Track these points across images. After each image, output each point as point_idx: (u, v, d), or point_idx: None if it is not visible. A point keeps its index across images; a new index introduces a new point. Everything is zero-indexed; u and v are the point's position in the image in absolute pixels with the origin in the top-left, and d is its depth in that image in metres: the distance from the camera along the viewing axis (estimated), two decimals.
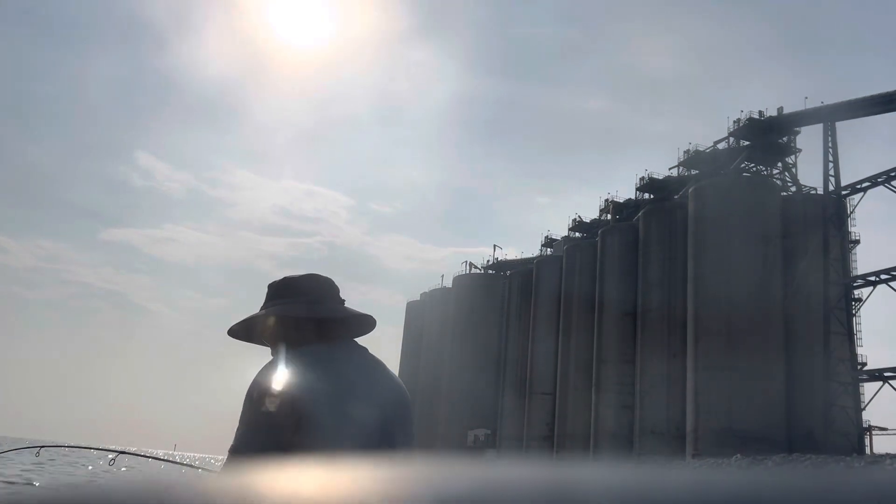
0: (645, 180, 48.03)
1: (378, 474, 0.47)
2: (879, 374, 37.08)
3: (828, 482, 0.29)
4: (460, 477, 0.46)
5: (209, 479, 0.56)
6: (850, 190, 40.18)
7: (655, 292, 41.48)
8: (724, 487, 0.31)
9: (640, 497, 0.41)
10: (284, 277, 2.26)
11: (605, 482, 0.34)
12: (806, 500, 0.39)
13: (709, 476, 0.34)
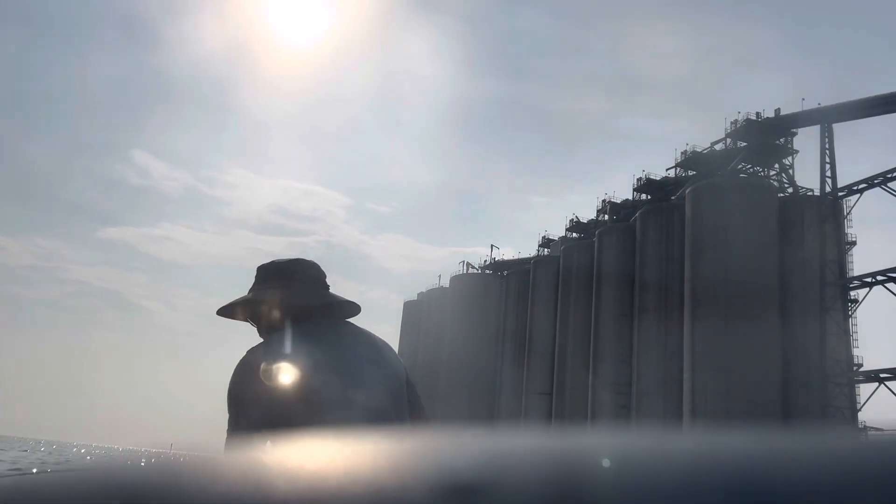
0: (642, 181, 48.08)
1: (385, 447, 0.41)
2: (875, 376, 37.17)
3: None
4: (468, 447, 0.47)
5: (218, 461, 0.48)
6: (846, 191, 40.28)
7: (652, 293, 41.54)
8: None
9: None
10: (273, 261, 2.27)
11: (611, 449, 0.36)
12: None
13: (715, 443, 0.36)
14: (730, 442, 0.34)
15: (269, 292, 2.18)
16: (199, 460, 0.45)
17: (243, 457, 0.44)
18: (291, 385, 1.87)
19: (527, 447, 0.43)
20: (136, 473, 0.52)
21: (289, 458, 0.50)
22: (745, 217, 37.82)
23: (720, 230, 38.04)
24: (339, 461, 0.44)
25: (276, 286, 2.19)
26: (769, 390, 35.50)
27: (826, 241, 38.64)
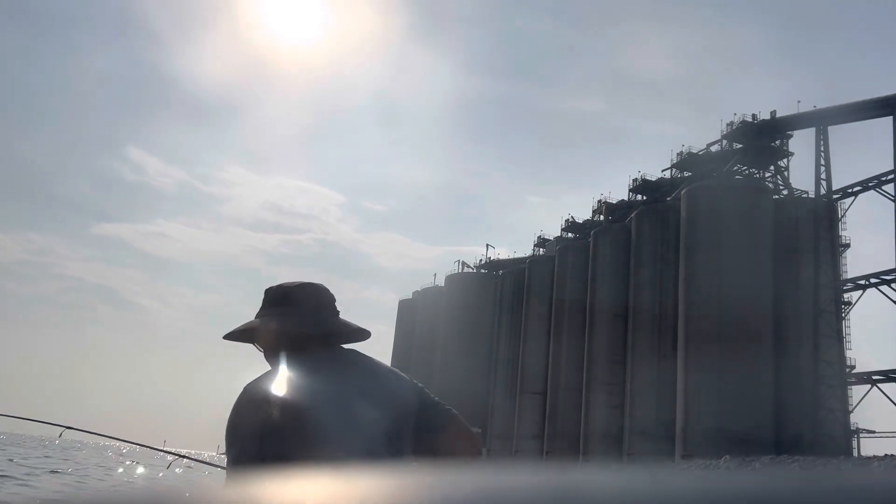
0: (638, 182, 48.18)
1: (379, 483, 0.40)
2: (868, 378, 37.34)
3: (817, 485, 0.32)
4: (464, 485, 0.41)
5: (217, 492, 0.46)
6: (841, 194, 40.44)
7: (647, 294, 41.63)
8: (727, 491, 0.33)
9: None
10: (281, 286, 2.22)
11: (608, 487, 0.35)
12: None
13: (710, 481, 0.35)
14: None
15: (269, 319, 2.14)
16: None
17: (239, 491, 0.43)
18: (280, 420, 1.88)
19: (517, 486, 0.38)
20: None
21: (282, 494, 0.43)
22: (739, 218, 37.92)
23: (715, 231, 38.14)
24: (329, 498, 0.44)
25: (276, 312, 2.15)
26: (763, 391, 35.61)
27: (820, 243, 38.78)
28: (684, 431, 36.44)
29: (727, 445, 32.07)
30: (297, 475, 0.42)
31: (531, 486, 0.35)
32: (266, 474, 1.76)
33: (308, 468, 1.86)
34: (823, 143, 40.72)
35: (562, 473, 0.34)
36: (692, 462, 30.43)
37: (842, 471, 0.31)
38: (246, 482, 0.38)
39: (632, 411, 40.50)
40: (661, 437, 37.90)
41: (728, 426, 34.59)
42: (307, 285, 2.21)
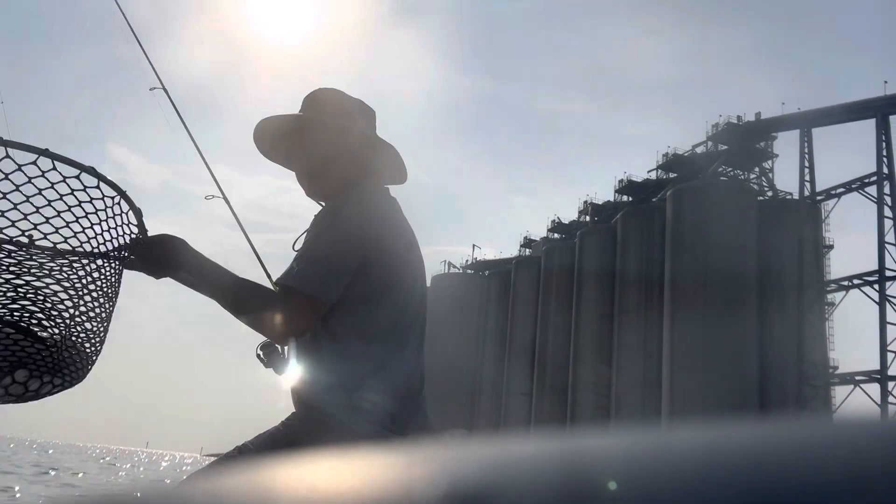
0: (623, 182, 48.33)
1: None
2: (850, 378, 37.65)
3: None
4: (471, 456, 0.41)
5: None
6: (824, 195, 40.76)
7: (632, 294, 41.75)
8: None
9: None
10: (334, 89, 2.03)
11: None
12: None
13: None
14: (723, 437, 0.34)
15: (343, 121, 1.95)
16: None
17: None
18: (381, 251, 1.84)
19: (524, 455, 0.38)
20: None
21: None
22: (725, 219, 38.10)
23: (700, 232, 38.31)
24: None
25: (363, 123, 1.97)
26: (747, 391, 35.81)
27: (804, 244, 39.05)
28: None
29: None
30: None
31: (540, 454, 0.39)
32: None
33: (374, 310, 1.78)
34: (808, 144, 41.03)
35: (559, 441, 0.37)
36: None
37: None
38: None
39: (617, 411, 40.59)
40: None
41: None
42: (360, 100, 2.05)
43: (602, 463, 0.33)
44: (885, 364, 35.07)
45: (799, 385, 36.74)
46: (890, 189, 37.23)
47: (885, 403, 34.47)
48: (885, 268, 36.14)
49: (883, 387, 34.94)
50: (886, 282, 36.05)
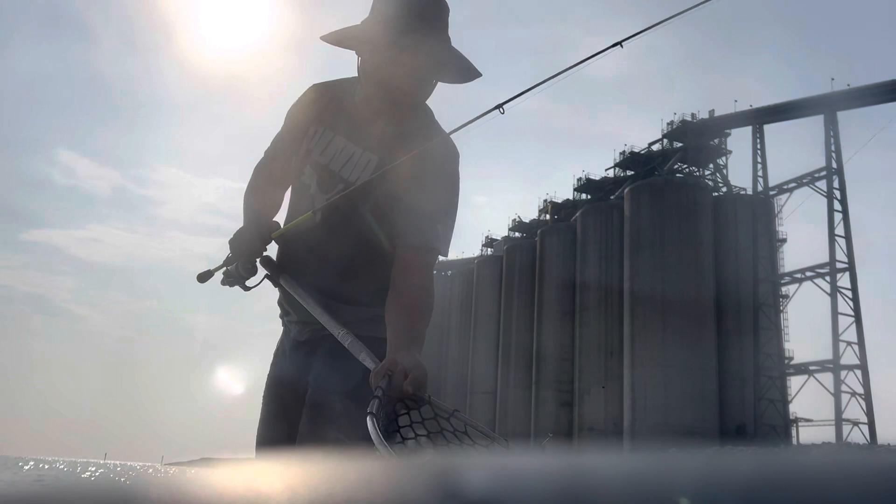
0: (582, 181, 48.81)
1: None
2: (805, 368, 38.54)
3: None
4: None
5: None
6: (777, 190, 41.63)
7: (593, 291, 42.19)
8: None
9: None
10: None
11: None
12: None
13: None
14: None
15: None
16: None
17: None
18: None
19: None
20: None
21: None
22: (681, 216, 38.78)
23: (658, 228, 38.91)
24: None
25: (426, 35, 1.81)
26: (707, 385, 36.44)
27: (758, 238, 39.88)
28: (632, 426, 37.04)
29: (673, 438, 32.73)
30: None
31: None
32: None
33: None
34: (760, 141, 41.87)
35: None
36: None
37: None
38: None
39: (580, 408, 40.99)
40: (609, 432, 38.47)
41: (674, 420, 35.30)
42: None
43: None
44: (837, 354, 35.96)
45: (756, 377, 37.53)
46: (839, 183, 38.20)
47: (839, 392, 35.36)
48: (835, 260, 37.05)
49: (836, 376, 35.82)
50: (837, 274, 36.96)
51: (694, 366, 36.13)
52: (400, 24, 1.75)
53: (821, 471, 0.33)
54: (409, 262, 1.82)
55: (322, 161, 1.96)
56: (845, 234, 37.29)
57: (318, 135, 1.98)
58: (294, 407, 1.95)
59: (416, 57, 1.76)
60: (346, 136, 1.95)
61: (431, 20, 1.79)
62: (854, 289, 36.68)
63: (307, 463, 0.39)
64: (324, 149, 1.96)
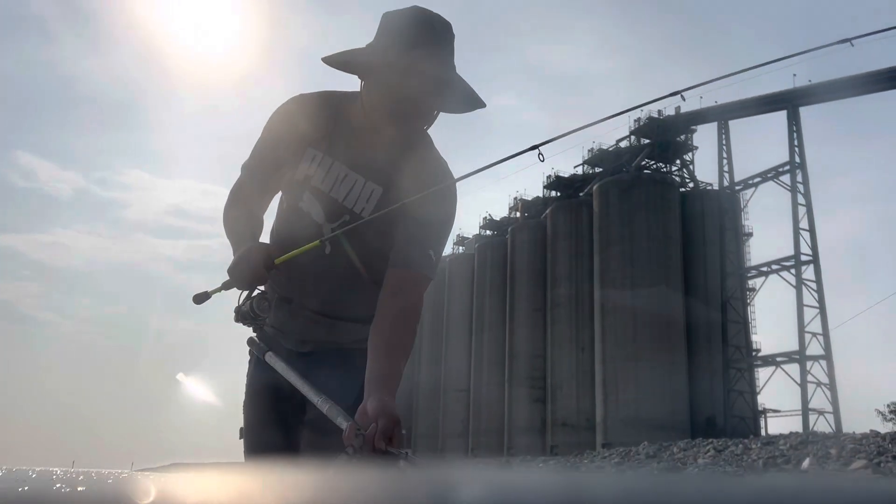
0: (552, 178, 49.07)
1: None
2: (772, 360, 39.21)
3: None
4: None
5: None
6: (743, 185, 42.26)
7: (564, 287, 42.48)
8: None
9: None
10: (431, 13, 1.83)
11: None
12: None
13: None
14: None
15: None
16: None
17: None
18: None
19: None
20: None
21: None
22: (649, 212, 39.20)
23: (626, 224, 39.28)
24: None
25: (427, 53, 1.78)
26: (677, 378, 36.87)
27: (725, 232, 40.45)
28: (604, 421, 37.36)
29: (645, 432, 33.05)
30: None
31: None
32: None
33: None
34: (725, 136, 42.47)
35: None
36: (612, 450, 31.19)
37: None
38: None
39: (553, 404, 41.23)
40: (582, 427, 38.76)
41: (645, 414, 35.67)
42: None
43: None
44: (803, 345, 36.61)
45: (725, 369, 38.08)
46: (802, 177, 38.89)
47: (805, 383, 36.01)
48: (800, 253, 37.71)
49: (802, 367, 36.48)
50: (802, 266, 37.63)
51: (664, 360, 36.55)
52: (406, 48, 1.74)
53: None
54: (399, 285, 1.82)
55: (323, 189, 1.92)
56: (809, 227, 37.98)
57: (316, 160, 1.93)
58: (292, 414, 1.95)
59: (421, 80, 1.75)
60: (346, 162, 1.91)
61: (438, 46, 1.79)
62: (818, 281, 37.39)
63: (305, 470, 0.40)
64: (324, 176, 1.92)
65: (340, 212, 1.91)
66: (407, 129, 1.82)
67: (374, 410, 1.50)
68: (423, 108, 1.80)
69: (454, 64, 1.83)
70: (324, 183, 1.91)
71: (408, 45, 1.74)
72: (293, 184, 1.96)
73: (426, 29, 1.77)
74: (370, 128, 1.85)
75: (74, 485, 4.25)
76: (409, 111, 1.79)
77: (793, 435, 24.14)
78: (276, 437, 2.01)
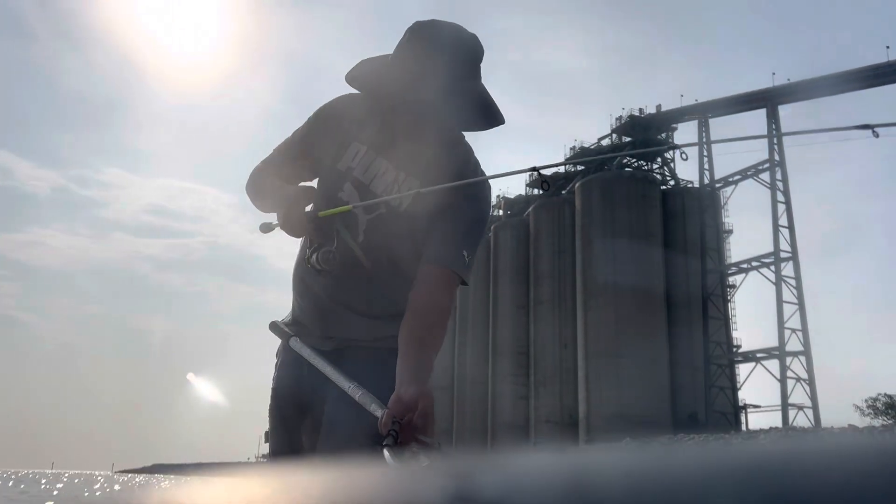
0: (533, 176, 49.17)
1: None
2: (752, 356, 39.65)
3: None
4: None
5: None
6: (722, 183, 42.65)
7: (546, 285, 42.68)
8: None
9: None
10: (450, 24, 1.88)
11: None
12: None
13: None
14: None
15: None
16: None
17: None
18: None
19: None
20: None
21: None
22: (630, 209, 39.47)
23: (608, 222, 39.52)
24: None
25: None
26: (659, 374, 37.18)
27: (705, 230, 40.81)
28: (587, 417, 37.60)
29: (627, 428, 33.30)
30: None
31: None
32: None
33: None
34: (705, 135, 42.80)
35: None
36: (595, 446, 31.42)
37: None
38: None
39: (536, 400, 41.43)
40: (565, 424, 38.99)
41: (627, 410, 35.95)
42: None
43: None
44: (783, 341, 37.07)
45: (706, 365, 38.45)
46: (781, 175, 39.33)
47: (785, 378, 36.46)
48: (779, 250, 38.14)
49: (781, 362, 36.94)
50: (781, 263, 38.06)
51: (646, 356, 36.83)
52: (428, 59, 1.78)
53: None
54: (431, 281, 1.82)
55: (364, 181, 1.96)
56: (788, 224, 38.42)
57: (359, 154, 1.97)
58: (313, 417, 1.95)
59: (429, 85, 1.78)
60: (386, 157, 1.95)
61: (464, 62, 1.83)
62: (797, 277, 37.86)
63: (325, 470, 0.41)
64: (366, 169, 1.96)
65: (378, 204, 1.94)
66: (428, 116, 1.84)
67: (409, 397, 1.51)
68: (429, 112, 1.82)
69: (480, 78, 1.86)
70: (365, 175, 1.95)
71: (431, 59, 1.78)
72: (334, 172, 1.99)
73: (452, 46, 1.82)
74: (410, 127, 1.89)
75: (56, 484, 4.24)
76: (419, 113, 1.82)
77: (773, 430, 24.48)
78: (297, 442, 2.04)
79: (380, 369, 1.76)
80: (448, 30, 1.86)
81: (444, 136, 1.93)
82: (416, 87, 1.79)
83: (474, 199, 1.90)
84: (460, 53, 1.84)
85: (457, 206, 1.85)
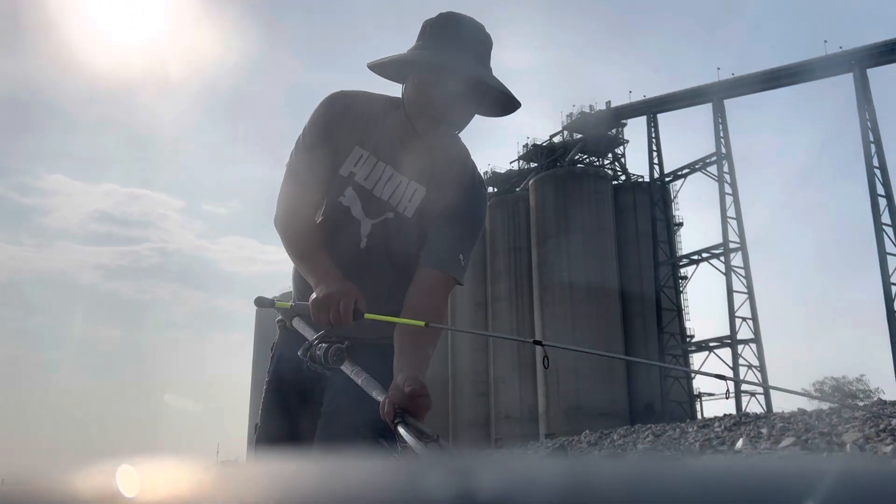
0: (488, 174, 49.47)
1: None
2: (705, 345, 40.50)
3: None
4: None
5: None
6: (672, 176, 43.44)
7: (504, 282, 42.97)
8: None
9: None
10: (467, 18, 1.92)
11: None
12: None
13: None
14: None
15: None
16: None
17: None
18: None
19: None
20: None
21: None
22: (584, 204, 40.00)
23: (562, 218, 39.98)
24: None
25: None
26: (616, 367, 37.74)
27: (656, 223, 41.54)
28: (546, 412, 37.99)
29: (586, 421, 33.74)
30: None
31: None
32: None
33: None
34: (654, 129, 43.53)
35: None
36: (555, 440, 31.74)
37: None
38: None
39: (496, 397, 41.68)
40: (525, 419, 39.32)
41: (586, 403, 36.44)
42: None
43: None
44: (734, 329, 37.90)
45: (661, 356, 39.14)
46: (728, 167, 40.20)
47: (737, 366, 37.31)
48: (728, 241, 38.99)
49: (734, 350, 37.79)
50: (730, 253, 38.91)
51: (602, 349, 37.29)
52: (443, 50, 1.83)
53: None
54: (429, 283, 1.90)
55: (367, 186, 1.97)
56: (736, 215, 39.28)
57: (362, 159, 1.97)
58: (310, 408, 1.99)
59: (459, 80, 1.81)
60: (390, 162, 1.97)
61: (475, 49, 1.87)
62: (746, 267, 38.74)
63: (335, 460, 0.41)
64: (368, 174, 1.97)
65: (383, 209, 1.97)
66: (444, 130, 1.88)
67: (408, 387, 1.64)
68: (457, 109, 1.85)
69: (489, 65, 1.91)
70: (367, 180, 1.96)
71: (445, 49, 1.83)
72: (335, 178, 2.00)
73: (463, 35, 1.87)
74: (411, 128, 1.91)
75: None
76: (445, 112, 1.84)
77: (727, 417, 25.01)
78: (286, 430, 2.05)
79: (382, 362, 1.81)
80: (467, 20, 1.91)
81: (451, 142, 1.98)
82: (439, 85, 1.81)
83: (474, 205, 1.94)
84: (485, 44, 1.89)
85: (457, 212, 1.90)
